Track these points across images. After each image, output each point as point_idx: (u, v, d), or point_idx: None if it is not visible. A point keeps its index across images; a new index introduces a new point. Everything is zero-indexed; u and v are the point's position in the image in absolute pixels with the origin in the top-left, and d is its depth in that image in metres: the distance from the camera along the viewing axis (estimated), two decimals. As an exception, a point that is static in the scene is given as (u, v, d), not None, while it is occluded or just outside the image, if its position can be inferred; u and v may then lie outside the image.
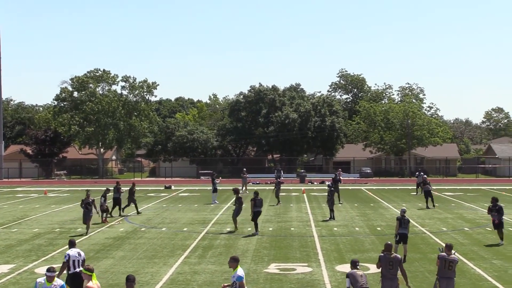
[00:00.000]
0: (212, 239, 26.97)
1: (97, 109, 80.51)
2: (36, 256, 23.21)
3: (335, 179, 41.44)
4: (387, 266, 14.71)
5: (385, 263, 14.75)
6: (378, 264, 15.01)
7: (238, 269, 13.21)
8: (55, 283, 12.96)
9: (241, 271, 13.19)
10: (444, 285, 14.67)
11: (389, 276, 14.68)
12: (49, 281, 12.93)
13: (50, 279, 12.95)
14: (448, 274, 14.74)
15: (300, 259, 22.17)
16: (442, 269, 14.79)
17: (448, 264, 14.73)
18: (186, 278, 19.31)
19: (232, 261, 13.43)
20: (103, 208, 32.60)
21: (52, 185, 65.88)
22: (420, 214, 35.25)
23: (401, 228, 21.43)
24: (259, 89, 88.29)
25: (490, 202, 26.38)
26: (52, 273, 13.01)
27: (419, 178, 49.76)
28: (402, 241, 21.44)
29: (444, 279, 14.73)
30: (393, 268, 14.67)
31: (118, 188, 35.47)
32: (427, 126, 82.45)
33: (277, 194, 42.29)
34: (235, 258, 13.51)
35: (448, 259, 14.80)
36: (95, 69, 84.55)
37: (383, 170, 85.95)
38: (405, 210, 22.33)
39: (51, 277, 12.97)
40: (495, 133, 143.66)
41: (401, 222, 21.50)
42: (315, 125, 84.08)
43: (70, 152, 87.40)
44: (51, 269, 13.11)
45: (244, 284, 13.04)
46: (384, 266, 14.75)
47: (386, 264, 14.72)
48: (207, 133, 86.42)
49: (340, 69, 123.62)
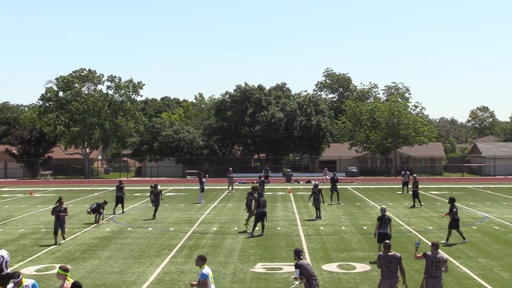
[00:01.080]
0: (199, 238, 26.94)
1: (82, 109, 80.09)
2: (22, 256, 23.10)
3: (333, 179, 41.67)
4: (386, 264, 14.75)
5: (384, 261, 14.78)
6: (378, 263, 15.00)
7: (204, 268, 13.49)
8: (26, 283, 12.62)
9: (207, 270, 13.47)
10: (431, 284, 14.64)
11: (388, 274, 14.72)
12: (18, 285, 12.55)
13: (18, 284, 12.56)
14: (435, 274, 14.68)
15: (287, 258, 22.17)
16: (429, 268, 14.75)
17: (435, 264, 14.68)
18: (173, 278, 19.28)
19: (200, 259, 13.71)
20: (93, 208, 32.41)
21: (37, 185, 65.52)
22: (406, 213, 35.38)
23: (381, 228, 21.56)
24: (245, 89, 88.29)
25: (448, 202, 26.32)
26: (17, 278, 12.58)
27: (405, 177, 50.04)
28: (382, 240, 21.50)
29: (431, 278, 14.69)
30: (392, 266, 14.71)
31: (121, 187, 36.49)
32: (413, 125, 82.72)
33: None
34: (202, 257, 13.79)
35: (436, 258, 14.76)
36: (81, 69, 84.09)
37: (369, 169, 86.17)
38: (385, 209, 22.40)
39: (19, 281, 12.57)
40: (480, 132, 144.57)
41: (381, 222, 21.62)
42: (301, 124, 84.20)
43: (55, 152, 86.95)
44: (15, 275, 12.69)
45: (207, 282, 13.27)
46: (383, 264, 14.79)
47: (385, 262, 14.76)
48: (193, 133, 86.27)
49: (326, 68, 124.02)
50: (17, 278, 12.61)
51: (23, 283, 12.63)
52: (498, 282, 18.51)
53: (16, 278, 12.60)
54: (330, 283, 18.46)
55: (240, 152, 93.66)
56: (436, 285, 14.64)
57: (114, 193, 37.11)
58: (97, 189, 56.51)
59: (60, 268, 12.92)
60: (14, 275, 12.75)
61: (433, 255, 14.86)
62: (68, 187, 62.15)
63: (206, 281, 13.27)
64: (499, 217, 33.59)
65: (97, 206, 32.29)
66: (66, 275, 12.70)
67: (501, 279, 18.87)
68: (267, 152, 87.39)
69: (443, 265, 14.79)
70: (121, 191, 36.17)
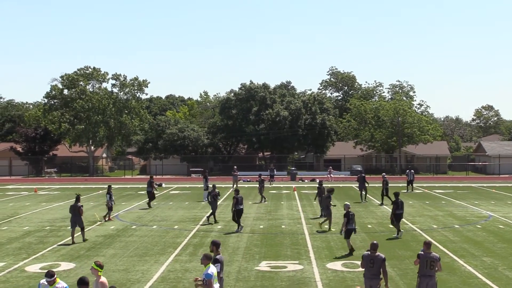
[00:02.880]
0: (203, 236, 26.95)
1: (87, 106, 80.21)
2: (26, 254, 23.13)
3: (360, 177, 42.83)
4: (368, 265, 14.64)
5: (367, 261, 14.67)
6: (361, 263, 14.92)
7: (210, 267, 13.35)
8: (58, 285, 12.44)
9: (212, 269, 13.34)
10: (425, 284, 14.48)
11: (369, 275, 14.59)
12: (50, 284, 12.40)
13: (51, 283, 12.40)
14: (429, 273, 14.53)
15: (291, 256, 22.18)
16: (424, 268, 14.59)
17: (429, 263, 14.54)
18: (177, 276, 19.29)
19: (205, 258, 13.58)
20: (108, 205, 32.64)
21: (42, 183, 65.65)
22: (411, 212, 35.32)
23: (349, 224, 22.46)
24: (250, 87, 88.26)
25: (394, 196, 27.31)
26: (50, 278, 12.38)
27: (410, 176, 50.00)
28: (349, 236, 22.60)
29: (425, 278, 14.53)
30: (374, 267, 14.55)
31: (151, 182, 38.13)
32: (418, 124, 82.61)
33: (260, 192, 42.40)
34: (207, 256, 13.66)
35: (430, 257, 14.62)
36: (85, 67, 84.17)
37: (374, 167, 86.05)
38: (349, 205, 23.44)
39: (52, 281, 12.40)
40: (485, 130, 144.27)
41: (348, 218, 22.55)
42: (306, 122, 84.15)
43: (60, 150, 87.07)
44: (49, 274, 12.47)
45: (211, 283, 13.15)
46: (366, 264, 14.68)
47: (367, 262, 14.65)
48: (197, 131, 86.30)
49: (330, 67, 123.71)
50: (51, 277, 12.38)
51: (56, 283, 12.44)
52: (503, 281, 18.48)
53: (51, 278, 12.37)
54: (335, 281, 18.45)
55: (245, 150, 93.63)
56: (430, 284, 14.51)
57: (118, 191, 37.08)
58: (102, 187, 56.50)
59: (95, 264, 12.86)
60: (48, 274, 12.47)
61: (425, 254, 14.71)
62: (72, 185, 62.22)
63: (211, 282, 13.19)
64: (503, 216, 33.52)
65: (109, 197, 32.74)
66: (100, 271, 12.68)
67: (505, 278, 18.83)
68: (271, 151, 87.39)
69: (437, 264, 14.67)
70: (151, 186, 37.92)
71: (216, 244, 14.74)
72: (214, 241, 14.90)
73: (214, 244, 14.76)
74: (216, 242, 14.82)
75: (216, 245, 14.72)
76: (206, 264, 13.46)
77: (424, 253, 14.75)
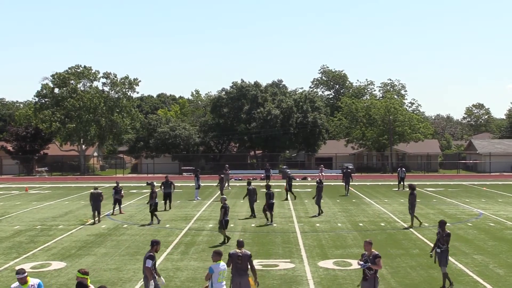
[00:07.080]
0: (195, 235, 26.93)
1: (78, 105, 79.93)
2: (17, 253, 23.04)
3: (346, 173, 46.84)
4: (236, 262, 14.60)
5: (234, 259, 14.63)
6: (228, 262, 14.63)
7: (219, 263, 13.73)
8: (31, 282, 12.22)
9: (216, 266, 13.70)
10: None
11: (238, 272, 14.53)
12: (23, 283, 12.13)
13: (23, 281, 12.13)
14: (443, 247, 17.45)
15: (283, 255, 22.19)
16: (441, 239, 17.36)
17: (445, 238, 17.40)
18: (169, 274, 19.26)
19: (215, 254, 13.92)
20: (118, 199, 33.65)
21: (33, 182, 65.41)
22: (402, 210, 35.37)
23: (225, 216, 24.64)
24: (241, 85, 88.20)
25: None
26: (22, 274, 12.12)
27: (401, 174, 50.13)
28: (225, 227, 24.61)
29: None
30: (242, 264, 14.56)
31: (169, 181, 37.38)
32: (409, 122, 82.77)
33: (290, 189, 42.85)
34: (218, 252, 13.97)
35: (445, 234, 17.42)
36: (76, 65, 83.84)
37: (365, 166, 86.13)
38: (225, 198, 25.82)
39: (23, 278, 12.13)
40: (476, 129, 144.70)
41: (226, 210, 24.71)
42: (297, 121, 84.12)
43: (51, 149, 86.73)
44: (20, 271, 12.22)
45: (209, 276, 13.61)
46: (234, 262, 14.61)
47: (235, 260, 14.62)
48: (189, 130, 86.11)
49: (322, 65, 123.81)
50: (21, 274, 12.14)
51: (29, 282, 12.20)
52: (494, 278, 18.54)
53: (21, 275, 12.13)
54: (326, 279, 18.46)
55: (236, 149, 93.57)
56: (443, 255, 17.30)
57: (109, 190, 36.91)
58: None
59: (80, 272, 12.42)
60: (19, 271, 12.26)
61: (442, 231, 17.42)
62: (63, 184, 62.03)
63: (209, 275, 13.58)
64: (494, 214, 33.64)
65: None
66: (87, 279, 12.29)
67: (496, 276, 18.89)
68: (263, 149, 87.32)
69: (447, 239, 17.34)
70: (170, 188, 36.79)
71: (219, 253, 14.14)
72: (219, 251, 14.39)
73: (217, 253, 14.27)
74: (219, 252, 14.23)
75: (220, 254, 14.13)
76: (216, 260, 13.79)
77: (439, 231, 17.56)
